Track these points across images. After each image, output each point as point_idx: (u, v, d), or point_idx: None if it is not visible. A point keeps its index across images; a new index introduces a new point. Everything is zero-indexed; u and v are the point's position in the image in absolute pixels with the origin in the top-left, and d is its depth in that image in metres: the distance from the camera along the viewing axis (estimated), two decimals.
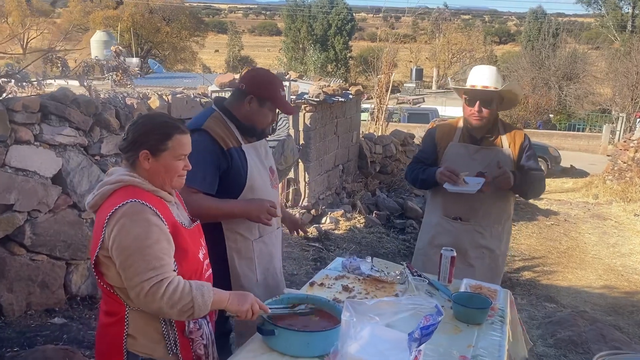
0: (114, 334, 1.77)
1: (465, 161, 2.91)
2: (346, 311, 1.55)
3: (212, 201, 2.25)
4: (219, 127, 2.30)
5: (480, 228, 2.97)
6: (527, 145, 2.95)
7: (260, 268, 2.42)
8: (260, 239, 2.40)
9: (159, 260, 1.66)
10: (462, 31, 42.62)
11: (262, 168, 2.42)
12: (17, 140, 3.41)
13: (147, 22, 37.79)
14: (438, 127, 3.14)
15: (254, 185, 2.34)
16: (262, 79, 2.38)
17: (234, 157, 2.29)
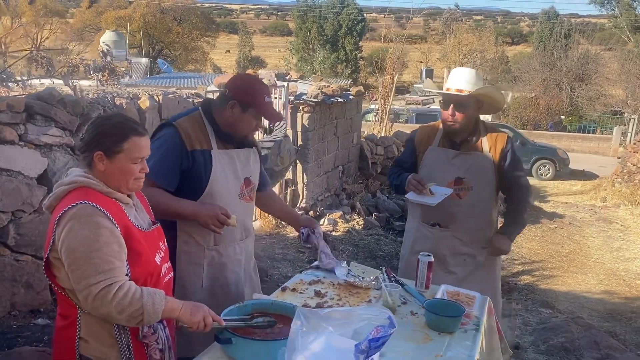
0: (67, 337, 1.74)
1: (444, 166, 2.85)
2: (297, 320, 1.51)
3: (164, 197, 2.20)
4: (191, 127, 2.26)
5: (460, 234, 2.90)
6: (509, 149, 2.87)
7: (209, 276, 2.35)
8: (214, 248, 2.34)
9: (108, 263, 1.62)
10: (473, 32, 42.30)
11: (233, 177, 2.35)
12: (1, 140, 3.39)
13: (159, 23, 38.01)
14: (418, 131, 3.07)
15: (214, 193, 2.27)
16: (247, 84, 2.32)
17: (197, 160, 2.24)
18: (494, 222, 3.03)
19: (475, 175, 2.85)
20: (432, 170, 2.86)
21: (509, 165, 2.87)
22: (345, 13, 40.42)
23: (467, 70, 2.85)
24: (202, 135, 2.27)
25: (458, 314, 2.15)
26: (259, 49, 48.97)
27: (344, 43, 40.36)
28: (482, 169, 2.84)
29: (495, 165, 2.85)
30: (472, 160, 2.84)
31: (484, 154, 2.85)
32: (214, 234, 2.29)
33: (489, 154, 2.85)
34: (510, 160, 2.87)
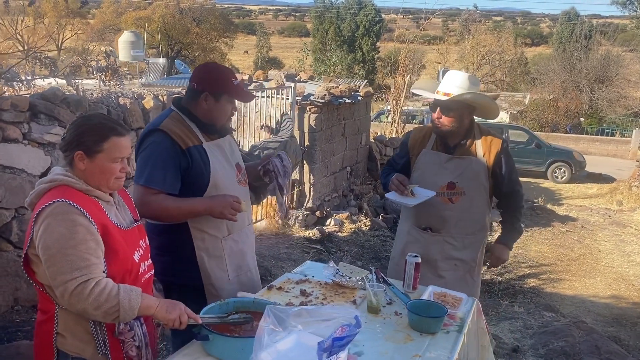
0: (45, 331, 1.78)
1: (436, 170, 2.83)
2: (266, 317, 1.52)
3: (173, 201, 2.23)
4: (177, 127, 2.28)
5: (451, 239, 2.88)
6: (503, 155, 2.83)
7: (232, 266, 2.40)
8: (229, 237, 2.38)
9: (84, 260, 1.65)
10: (492, 33, 41.93)
11: (227, 165, 2.40)
12: (5, 138, 3.47)
13: (178, 23, 38.30)
14: (412, 133, 3.05)
15: (218, 183, 2.32)
16: (212, 74, 2.34)
17: (194, 156, 2.27)
18: (487, 226, 3.00)
19: (468, 180, 2.82)
20: (425, 173, 2.85)
21: (505, 172, 2.83)
22: (363, 14, 40.37)
23: (460, 75, 2.81)
24: (188, 132, 2.29)
25: (440, 314, 2.15)
26: (277, 49, 49.12)
27: (361, 44, 40.29)
28: (476, 174, 2.81)
29: (489, 171, 2.82)
30: (465, 164, 2.82)
31: (477, 159, 2.82)
32: (226, 224, 2.34)
33: (483, 158, 2.82)
34: (506, 167, 2.83)
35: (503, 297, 5.31)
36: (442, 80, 2.82)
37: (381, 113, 18.94)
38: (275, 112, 6.43)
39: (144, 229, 2.01)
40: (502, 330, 4.31)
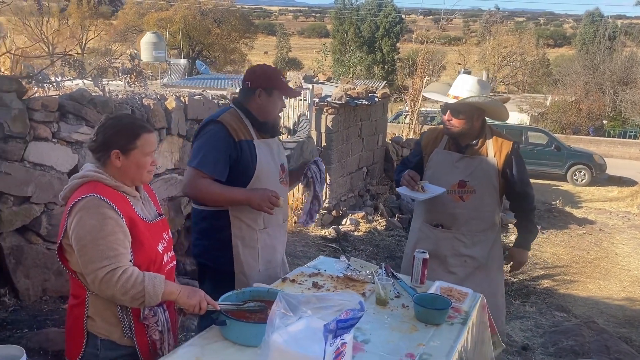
0: (76, 314, 1.93)
1: (448, 169, 2.93)
2: (278, 303, 1.65)
3: (218, 187, 2.42)
4: (233, 121, 2.50)
5: (461, 236, 2.97)
6: (513, 156, 2.92)
7: (263, 259, 2.59)
8: (264, 230, 2.57)
9: (112, 250, 1.80)
10: (513, 33, 41.57)
11: (273, 163, 2.59)
12: (36, 137, 3.66)
13: (199, 24, 38.72)
14: (425, 134, 3.17)
15: (261, 178, 2.51)
16: (264, 72, 2.56)
17: (244, 149, 2.47)
18: (497, 225, 3.09)
19: (478, 179, 2.92)
20: (437, 172, 2.95)
21: (516, 173, 2.92)
22: (383, 15, 40.35)
23: (470, 79, 2.90)
24: (243, 128, 2.50)
25: (444, 307, 2.26)
26: (297, 50, 49.39)
27: (380, 45, 40.28)
28: (486, 173, 2.91)
29: (500, 171, 2.91)
30: (476, 164, 2.91)
31: (488, 159, 2.92)
32: (263, 217, 2.53)
33: (494, 158, 2.91)
34: (516, 168, 2.92)
35: (516, 297, 5.37)
36: (453, 84, 2.93)
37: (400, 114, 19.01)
38: (293, 113, 6.57)
39: (167, 222, 2.16)
40: (513, 329, 4.39)
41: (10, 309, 3.57)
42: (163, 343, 2.01)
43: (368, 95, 7.57)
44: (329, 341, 1.53)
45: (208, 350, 1.90)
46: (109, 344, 1.94)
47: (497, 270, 3.14)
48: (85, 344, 1.95)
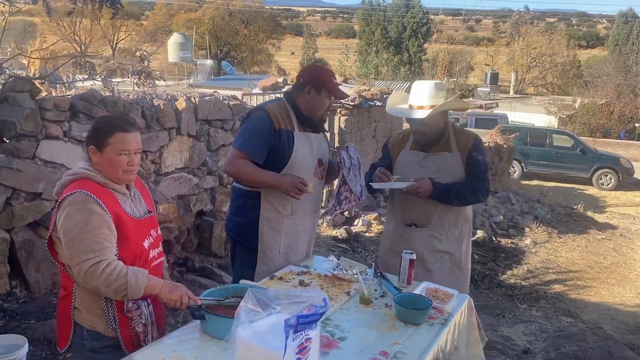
0: (64, 305, 2.03)
1: (415, 168, 2.97)
2: (247, 299, 1.71)
3: (252, 168, 2.63)
4: (278, 111, 2.69)
5: (436, 233, 3.01)
6: (474, 149, 2.95)
7: (285, 242, 2.76)
8: (291, 217, 2.75)
9: (97, 244, 1.89)
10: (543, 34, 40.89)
11: (310, 156, 2.74)
12: (47, 135, 3.80)
13: (227, 25, 39.11)
14: (392, 136, 3.22)
15: (295, 167, 2.67)
16: (317, 70, 2.78)
17: (282, 137, 2.65)
18: (470, 219, 3.13)
19: (445, 175, 2.94)
20: (405, 172, 2.99)
21: (472, 164, 2.95)
22: (410, 15, 40.13)
23: (427, 85, 2.93)
24: (286, 118, 2.69)
25: (424, 307, 2.29)
26: (323, 51, 49.50)
27: (407, 45, 40.09)
28: (451, 168, 2.95)
29: (464, 165, 2.95)
30: (441, 160, 2.96)
31: (452, 154, 2.96)
32: (291, 204, 2.71)
33: (457, 154, 2.96)
34: (475, 159, 2.95)
35: (524, 301, 5.34)
36: (412, 93, 2.94)
37: None
38: None
39: (157, 219, 2.24)
40: (516, 333, 4.37)
41: (21, 300, 3.72)
42: (147, 335, 2.09)
43: (383, 97, 7.59)
44: (290, 336, 1.58)
45: (186, 343, 1.97)
46: (95, 334, 2.03)
47: (467, 263, 3.18)
48: (73, 334, 2.05)
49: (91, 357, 2.06)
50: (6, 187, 3.59)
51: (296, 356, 1.64)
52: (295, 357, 1.64)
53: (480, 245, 7.11)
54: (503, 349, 3.94)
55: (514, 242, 7.45)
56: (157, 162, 4.55)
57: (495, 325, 4.52)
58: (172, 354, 1.89)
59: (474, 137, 3.00)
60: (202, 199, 5.02)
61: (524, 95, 36.37)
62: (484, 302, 5.23)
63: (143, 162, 4.40)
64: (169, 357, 1.87)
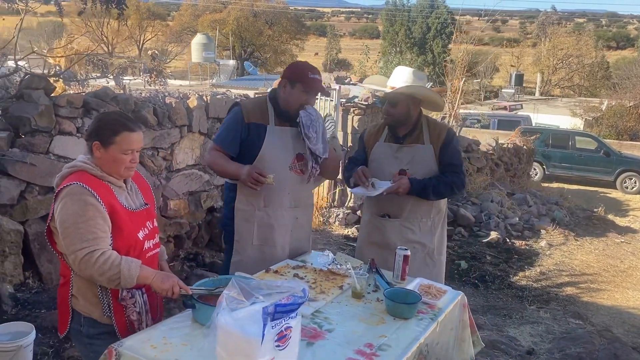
0: (63, 293, 2.12)
1: (389, 160, 3.02)
2: (231, 287, 1.77)
3: (222, 159, 2.77)
4: (253, 106, 2.81)
5: (408, 224, 3.04)
6: (448, 141, 2.98)
7: (259, 234, 2.81)
8: (264, 209, 2.80)
9: (92, 234, 1.96)
10: (570, 35, 40.19)
11: (284, 150, 2.78)
12: (61, 131, 3.93)
13: (251, 26, 39.42)
14: (367, 128, 3.26)
15: (265, 160, 2.72)
16: (294, 66, 2.83)
17: (252, 131, 2.74)
18: (443, 210, 3.16)
19: (417, 166, 2.98)
20: (379, 164, 3.04)
21: (446, 156, 2.98)
22: (435, 15, 39.85)
23: (406, 70, 3.04)
24: (260, 113, 2.77)
25: (413, 301, 2.32)
26: (347, 51, 49.48)
27: (432, 46, 39.81)
28: (424, 160, 2.98)
29: (437, 156, 2.99)
30: (413, 152, 3.00)
31: (425, 146, 3.00)
32: (263, 197, 2.77)
33: (430, 145, 2.99)
34: (449, 152, 2.99)
35: (534, 302, 5.29)
36: (391, 76, 3.07)
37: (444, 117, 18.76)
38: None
39: (154, 212, 2.32)
40: (522, 333, 4.35)
41: (34, 290, 3.85)
42: (141, 323, 2.16)
43: None
44: (268, 323, 1.64)
45: (177, 331, 2.03)
46: (91, 321, 2.11)
47: (440, 255, 3.20)
48: (71, 320, 2.14)
49: (88, 343, 2.14)
50: (21, 180, 3.72)
51: (275, 343, 1.69)
52: (275, 345, 1.69)
53: (493, 246, 7.07)
54: (506, 349, 3.93)
55: (528, 244, 7.39)
56: (169, 158, 4.65)
57: (501, 325, 4.50)
58: (161, 341, 1.95)
59: (446, 129, 3.05)
60: (212, 196, 5.11)
61: (550, 97, 35.83)
62: (493, 303, 5.21)
63: (154, 159, 4.50)
64: (159, 344, 1.94)
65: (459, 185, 2.99)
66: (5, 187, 3.66)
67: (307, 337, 2.07)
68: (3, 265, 3.70)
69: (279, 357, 1.71)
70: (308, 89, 2.73)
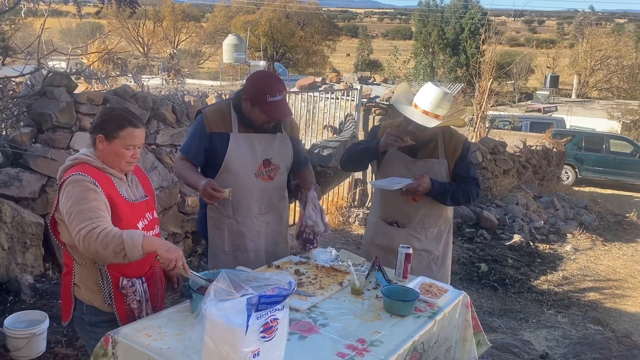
0: (66, 282, 2.19)
1: (401, 170, 2.97)
2: (220, 279, 1.81)
3: (186, 171, 2.71)
4: (215, 114, 2.71)
5: (415, 232, 3.02)
6: (464, 155, 2.95)
7: (230, 241, 2.79)
8: (232, 217, 2.76)
9: (94, 213, 1.99)
10: (609, 35, 39.14)
11: (250, 157, 2.71)
12: (81, 127, 4.05)
13: (284, 27, 39.66)
14: (381, 128, 3.11)
15: (230, 168, 2.68)
16: (255, 84, 2.63)
17: (214, 140, 2.67)
18: (450, 218, 3.14)
19: None
20: (391, 173, 2.99)
21: (460, 168, 2.95)
22: (469, 16, 39.35)
23: (436, 93, 2.81)
24: (223, 121, 2.67)
25: (409, 299, 2.31)
26: (379, 52, 49.24)
27: (465, 47, 39.32)
28: (437, 175, 2.94)
29: (450, 170, 2.96)
30: (428, 166, 2.95)
31: (439, 161, 2.96)
32: (231, 205, 2.73)
33: (444, 160, 2.95)
34: (463, 164, 2.96)
35: (554, 307, 5.19)
36: (420, 94, 2.87)
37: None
38: (341, 113, 6.70)
39: (154, 204, 2.37)
40: (537, 338, 4.27)
41: (53, 281, 3.98)
42: (141, 312, 2.21)
43: None
44: (253, 314, 1.67)
45: (172, 320, 2.08)
46: (93, 309, 2.17)
47: (445, 260, 3.17)
48: (74, 308, 2.21)
49: (90, 330, 2.20)
50: (42, 175, 3.85)
51: (261, 334, 1.72)
52: (260, 336, 1.72)
53: (516, 249, 6.96)
54: (519, 353, 3.87)
55: (552, 248, 7.24)
56: None
57: (516, 329, 4.43)
58: (156, 330, 2.00)
59: (461, 143, 2.97)
60: None
61: (586, 99, 34.99)
62: (510, 306, 5.13)
63: (173, 156, 4.59)
64: (154, 333, 1.99)
65: (474, 197, 2.98)
66: (27, 181, 3.80)
67: (300, 331, 2.09)
68: (24, 256, 3.84)
69: (265, 348, 1.74)
70: (265, 114, 2.61)
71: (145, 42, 39.94)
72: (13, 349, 3.04)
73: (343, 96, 6.79)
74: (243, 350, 1.67)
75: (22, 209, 3.79)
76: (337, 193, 6.95)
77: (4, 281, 3.70)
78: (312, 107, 6.69)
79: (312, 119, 6.71)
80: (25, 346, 3.03)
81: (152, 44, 40.98)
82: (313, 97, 6.65)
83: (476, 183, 3.00)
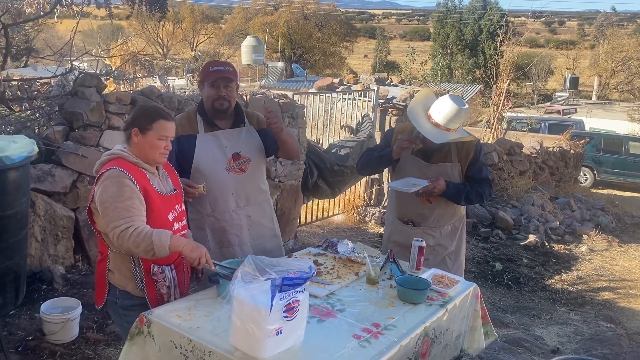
0: (101, 268, 2.36)
1: (415, 174, 3.08)
2: (246, 264, 1.96)
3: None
4: (182, 118, 2.86)
5: (430, 231, 3.15)
6: (476, 158, 3.05)
7: (214, 238, 2.89)
8: (212, 214, 2.87)
9: (128, 212, 2.18)
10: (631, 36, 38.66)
11: (219, 153, 2.82)
12: (110, 126, 4.25)
13: (301, 28, 39.84)
14: (395, 132, 3.19)
15: (201, 169, 2.80)
16: (202, 67, 2.93)
17: (182, 143, 2.79)
18: (463, 215, 3.27)
19: None
20: (407, 176, 3.11)
21: (472, 170, 3.06)
22: (487, 17, 39.14)
23: (452, 107, 2.86)
24: (189, 124, 2.82)
25: (422, 287, 2.45)
26: (396, 53, 49.23)
27: (483, 48, 39.11)
28: (451, 178, 3.06)
29: (463, 173, 3.08)
30: (442, 170, 3.06)
31: (452, 164, 3.07)
32: (209, 202, 2.83)
33: (457, 164, 3.07)
34: (476, 166, 3.07)
35: (566, 305, 5.27)
36: (435, 106, 2.93)
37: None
38: (358, 114, 6.84)
39: (182, 197, 2.54)
40: (549, 334, 4.36)
41: (83, 272, 4.18)
42: (170, 297, 2.38)
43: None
44: (276, 295, 1.82)
45: (200, 303, 2.25)
46: (125, 294, 2.34)
47: (459, 255, 3.29)
48: (108, 293, 2.38)
49: (123, 314, 2.37)
50: (73, 171, 4.05)
51: (284, 314, 1.87)
52: (283, 315, 1.87)
53: (531, 249, 7.03)
54: (530, 347, 3.97)
55: (568, 248, 7.29)
56: None
57: (528, 325, 4.53)
58: (186, 311, 2.17)
59: (474, 147, 3.06)
60: None
61: (607, 101, 34.63)
62: (523, 304, 5.22)
63: None
64: (184, 314, 2.15)
65: (487, 197, 3.10)
66: (59, 177, 4.00)
67: (318, 315, 2.24)
68: (56, 248, 4.04)
69: (287, 327, 1.89)
70: (211, 82, 2.75)
71: (165, 44, 40.42)
72: (49, 333, 3.24)
73: (360, 97, 6.93)
74: (267, 328, 1.82)
75: (55, 203, 4.00)
76: (354, 192, 7.08)
77: (37, 271, 3.91)
78: (329, 108, 6.85)
79: (329, 119, 6.86)
80: (60, 330, 3.22)
81: (171, 45, 41.45)
82: (331, 98, 6.80)
83: (489, 183, 3.11)
